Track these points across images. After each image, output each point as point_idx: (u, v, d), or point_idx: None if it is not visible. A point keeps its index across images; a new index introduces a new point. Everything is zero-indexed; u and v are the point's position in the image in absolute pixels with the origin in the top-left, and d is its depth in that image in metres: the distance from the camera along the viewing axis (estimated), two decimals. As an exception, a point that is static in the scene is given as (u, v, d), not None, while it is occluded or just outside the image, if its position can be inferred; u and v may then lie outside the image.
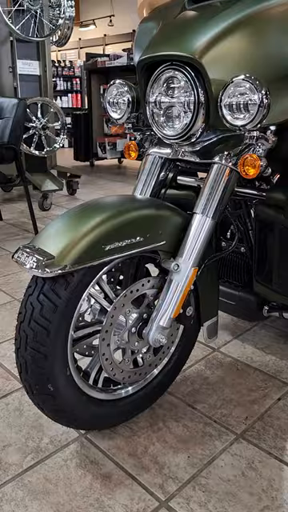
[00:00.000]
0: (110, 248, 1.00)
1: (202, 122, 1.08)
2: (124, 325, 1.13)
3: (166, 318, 1.11)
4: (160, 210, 1.12)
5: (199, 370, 1.51)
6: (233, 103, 0.99)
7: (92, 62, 5.72)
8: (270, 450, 1.17)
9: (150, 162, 1.27)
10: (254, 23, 1.03)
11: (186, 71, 1.05)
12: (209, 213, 1.11)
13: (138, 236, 1.05)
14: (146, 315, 1.15)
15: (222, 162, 1.11)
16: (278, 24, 1.03)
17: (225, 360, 1.56)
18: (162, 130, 1.14)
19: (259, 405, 1.34)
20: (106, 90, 1.29)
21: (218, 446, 1.18)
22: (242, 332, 1.75)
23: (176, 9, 1.20)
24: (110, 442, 1.19)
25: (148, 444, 1.19)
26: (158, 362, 1.23)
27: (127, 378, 1.16)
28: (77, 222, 1.02)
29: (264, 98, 0.95)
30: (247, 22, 1.02)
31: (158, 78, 1.11)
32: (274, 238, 1.26)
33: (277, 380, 1.45)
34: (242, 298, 1.45)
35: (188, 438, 1.21)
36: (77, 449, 1.17)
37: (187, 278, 1.11)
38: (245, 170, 1.07)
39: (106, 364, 1.09)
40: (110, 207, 1.05)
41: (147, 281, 1.13)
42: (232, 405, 1.34)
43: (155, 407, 1.32)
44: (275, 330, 1.76)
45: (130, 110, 1.24)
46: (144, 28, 1.28)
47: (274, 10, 1.03)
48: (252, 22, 1.03)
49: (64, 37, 3.70)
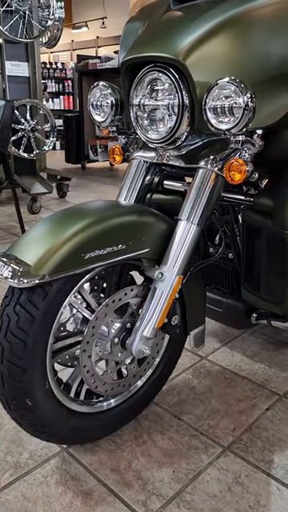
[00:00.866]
0: (91, 256, 0.96)
1: (187, 125, 1.04)
2: (106, 335, 1.09)
3: (149, 328, 1.08)
4: (144, 217, 1.08)
5: (186, 379, 1.47)
6: (217, 106, 0.95)
7: (83, 64, 5.68)
8: (258, 463, 1.13)
9: (135, 166, 1.24)
10: (239, 24, 0.99)
11: (170, 73, 1.01)
12: (194, 219, 1.08)
13: (120, 243, 1.01)
14: (130, 325, 1.11)
15: (208, 167, 1.08)
16: (263, 25, 1.00)
17: (213, 368, 1.53)
18: (146, 133, 1.11)
19: (247, 415, 1.30)
20: (89, 93, 1.26)
21: (204, 459, 1.15)
22: (231, 339, 1.72)
23: (161, 9, 1.17)
24: (92, 457, 1.15)
25: (132, 458, 1.15)
26: (143, 372, 1.19)
27: (110, 390, 1.12)
28: (56, 229, 0.98)
29: (249, 102, 0.92)
30: (232, 22, 0.99)
31: (141, 80, 1.07)
32: (261, 245, 1.23)
33: (265, 389, 1.42)
34: (229, 305, 1.42)
35: (173, 451, 1.17)
36: (58, 464, 1.13)
37: (171, 287, 1.07)
38: (230, 175, 1.03)
39: (88, 376, 1.05)
40: (92, 214, 1.01)
41: (130, 290, 1.10)
42: (219, 415, 1.30)
43: (140, 419, 1.28)
44: (264, 337, 1.73)
45: (113, 112, 1.20)
46: (130, 28, 1.25)
47: (260, 11, 1.00)
48: (237, 23, 0.99)
49: (54, 38, 3.66)
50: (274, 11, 1.01)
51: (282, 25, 1.00)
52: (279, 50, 1.00)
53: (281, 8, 1.01)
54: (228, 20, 0.99)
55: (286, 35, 1.00)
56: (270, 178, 1.27)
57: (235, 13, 1.00)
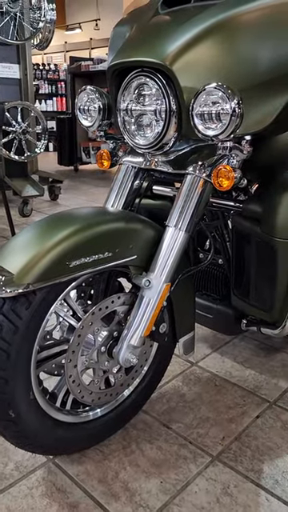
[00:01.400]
0: (76, 264, 0.94)
1: (175, 131, 1.03)
2: (93, 343, 1.07)
3: (136, 337, 1.06)
4: (131, 223, 1.06)
5: (176, 386, 1.45)
6: (204, 112, 0.94)
7: (76, 66, 5.67)
8: (247, 473, 1.12)
9: (123, 171, 1.22)
10: (226, 29, 0.98)
11: (157, 78, 1.00)
12: (182, 226, 1.06)
13: (107, 251, 0.99)
14: (117, 333, 1.09)
15: (196, 173, 1.06)
16: (251, 30, 0.98)
17: (203, 375, 1.51)
18: (134, 138, 1.09)
19: (237, 423, 1.29)
20: (76, 97, 1.24)
21: (192, 469, 1.13)
22: (222, 345, 1.70)
23: (149, 13, 1.15)
24: (79, 467, 1.13)
25: (119, 469, 1.13)
26: (131, 381, 1.18)
27: (97, 400, 1.10)
28: (41, 236, 0.96)
29: (236, 108, 0.91)
30: (220, 27, 0.98)
31: (128, 85, 1.06)
32: (250, 251, 1.21)
33: (256, 396, 1.41)
34: (219, 312, 1.40)
35: (162, 461, 1.15)
36: (43, 475, 1.11)
37: (159, 295, 1.06)
38: (219, 181, 1.02)
39: (73, 386, 1.03)
40: (78, 220, 1.00)
41: (117, 297, 1.08)
42: (209, 424, 1.29)
43: (129, 427, 1.26)
44: (255, 342, 1.72)
45: (101, 117, 1.18)
46: (118, 31, 1.23)
47: (248, 16, 0.99)
48: (225, 28, 0.98)
49: (45, 40, 3.63)
50: (262, 16, 1.00)
51: (269, 30, 0.99)
52: (267, 55, 0.99)
53: (268, 13, 1.00)
54: (216, 25, 0.98)
55: (273, 40, 0.99)
56: (259, 184, 1.26)
57: (223, 18, 0.99)
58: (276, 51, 0.99)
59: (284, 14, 1.01)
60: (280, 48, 1.00)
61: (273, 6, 1.01)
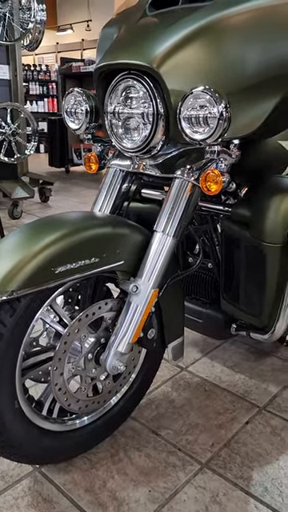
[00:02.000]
0: (62, 270, 0.92)
1: (162, 134, 1.01)
2: (80, 350, 1.05)
3: (124, 344, 1.04)
4: (118, 228, 1.05)
5: (165, 391, 1.44)
6: (192, 116, 0.93)
7: (67, 67, 5.64)
8: (236, 480, 1.11)
9: (111, 175, 1.20)
10: (214, 32, 0.97)
11: (145, 81, 0.98)
12: (170, 231, 1.05)
13: (94, 256, 0.98)
14: (104, 340, 1.08)
15: (184, 177, 1.05)
16: (239, 33, 0.97)
17: (192, 380, 1.50)
18: (121, 142, 1.07)
19: (226, 429, 1.27)
20: (63, 99, 1.22)
21: (181, 477, 1.11)
22: (212, 349, 1.69)
23: (137, 14, 1.13)
24: (65, 477, 1.11)
25: (107, 477, 1.11)
26: (119, 388, 1.16)
27: (84, 408, 1.08)
28: (26, 242, 0.94)
29: (224, 111, 0.89)
30: (207, 30, 0.97)
31: (115, 87, 1.04)
32: (239, 256, 1.20)
33: (245, 401, 1.40)
34: (209, 316, 1.39)
35: (150, 469, 1.14)
36: (30, 485, 1.09)
37: (147, 301, 1.04)
38: (207, 185, 1.01)
39: (60, 394, 1.01)
40: (64, 225, 0.98)
41: (105, 303, 1.06)
42: (198, 430, 1.27)
43: (117, 435, 1.25)
44: (246, 346, 1.71)
45: (88, 120, 1.16)
46: (106, 33, 1.22)
47: (236, 19, 0.98)
48: (212, 31, 0.97)
49: (35, 41, 3.60)
50: (250, 19, 0.99)
51: (257, 33, 0.98)
52: (255, 58, 0.98)
53: (256, 16, 0.99)
54: (203, 27, 0.97)
55: (261, 43, 0.98)
56: (249, 188, 1.25)
57: (210, 20, 0.97)
58: (264, 54, 0.98)
59: (272, 16, 1.00)
60: (268, 51, 0.99)
61: (261, 9, 1.00)
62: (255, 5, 1.00)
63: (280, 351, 1.67)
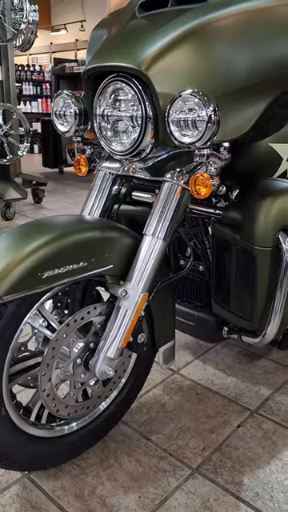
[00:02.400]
0: (49, 275, 0.91)
1: (151, 137, 1.00)
2: (68, 355, 1.04)
3: (113, 349, 1.03)
4: (107, 232, 1.04)
5: (157, 395, 1.43)
6: (180, 119, 0.92)
7: (60, 68, 5.62)
8: (227, 485, 1.10)
9: (100, 178, 1.19)
10: (203, 34, 0.96)
11: (133, 83, 0.97)
12: (160, 234, 1.04)
13: (82, 261, 0.97)
14: (93, 344, 1.06)
15: (173, 180, 1.04)
16: (228, 36, 0.97)
17: (184, 383, 1.49)
18: (110, 144, 1.06)
19: (217, 433, 1.27)
20: (52, 101, 1.21)
21: (171, 482, 1.10)
22: (204, 351, 1.68)
23: (126, 16, 1.13)
24: (55, 483, 1.10)
25: (97, 483, 1.10)
26: (109, 393, 1.15)
27: (73, 413, 1.07)
28: (13, 246, 0.93)
29: (212, 115, 0.89)
30: (196, 33, 0.96)
31: (104, 90, 1.03)
32: (230, 259, 1.20)
33: (237, 405, 1.39)
34: (201, 319, 1.39)
35: (140, 474, 1.13)
36: (18, 491, 1.07)
37: (136, 305, 1.03)
38: (196, 189, 1.00)
39: (48, 400, 1.00)
40: (52, 230, 0.97)
41: (93, 308, 1.05)
42: (189, 434, 1.26)
43: (107, 440, 1.23)
44: (238, 349, 1.70)
45: (77, 122, 1.15)
46: (96, 34, 1.21)
47: (225, 21, 0.97)
48: (201, 34, 0.96)
49: (28, 41, 3.58)
50: (239, 22, 0.98)
51: (247, 36, 0.97)
52: (245, 61, 0.97)
53: (247, 19, 0.98)
54: (192, 30, 0.96)
55: (250, 47, 0.97)
56: (240, 190, 1.24)
57: (199, 23, 0.97)
58: (254, 57, 0.97)
59: (262, 19, 1.00)
60: (258, 54, 0.98)
61: (251, 12, 0.99)
62: (245, 7, 0.99)
63: (272, 354, 1.67)
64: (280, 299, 1.13)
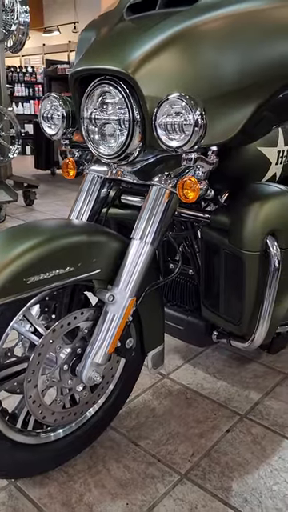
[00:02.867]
0: (35, 280, 0.90)
1: (139, 140, 0.99)
2: (55, 361, 1.02)
3: (100, 354, 1.02)
4: (94, 236, 1.03)
5: (146, 399, 1.42)
6: (168, 123, 0.91)
7: (52, 69, 5.61)
8: (215, 491, 1.09)
9: (89, 181, 1.18)
10: (190, 38, 0.96)
11: (120, 86, 0.96)
12: (147, 238, 1.03)
13: (68, 266, 0.95)
14: (81, 350, 1.05)
15: (161, 184, 1.03)
16: (215, 39, 0.96)
17: (174, 388, 1.48)
18: (98, 148, 1.06)
19: (206, 438, 1.26)
20: (40, 104, 1.20)
21: (160, 489, 1.09)
22: (194, 355, 1.68)
23: (114, 18, 1.12)
24: (41, 490, 1.08)
25: (84, 490, 1.08)
26: (97, 398, 1.13)
27: (60, 420, 1.06)
28: (-3, 250, 0.91)
29: (199, 119, 0.88)
30: (184, 36, 0.95)
31: (91, 93, 1.02)
32: (219, 263, 1.19)
33: (227, 409, 1.38)
34: (190, 323, 1.38)
35: (128, 481, 1.11)
36: (4, 500, 1.06)
37: (124, 310, 1.02)
38: (184, 193, 0.99)
39: (34, 407, 0.99)
40: (38, 234, 0.95)
41: (80, 313, 1.04)
42: (178, 440, 1.25)
43: (96, 446, 1.22)
44: (228, 353, 1.70)
45: (64, 125, 1.14)
46: (85, 36, 1.20)
47: (212, 25, 0.96)
48: (188, 37, 0.96)
49: (19, 43, 3.56)
50: (228, 25, 0.98)
51: (235, 40, 0.97)
52: (232, 65, 0.97)
53: (234, 22, 0.98)
54: (180, 33, 0.95)
55: (238, 50, 0.96)
56: (229, 194, 1.24)
57: (187, 26, 0.96)
58: (241, 61, 0.97)
59: (250, 23, 0.99)
60: (245, 58, 0.98)
61: (238, 15, 0.99)
62: (233, 11, 0.99)
63: (262, 357, 1.66)
64: (268, 304, 1.12)
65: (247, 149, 1.21)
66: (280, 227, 1.11)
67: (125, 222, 1.38)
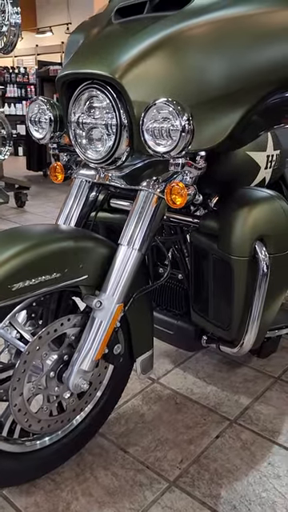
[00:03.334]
0: (20, 287, 0.89)
1: (127, 145, 0.98)
2: (41, 368, 1.01)
3: (87, 361, 1.01)
4: (82, 241, 1.02)
5: (135, 405, 1.41)
6: (155, 128, 0.90)
7: (44, 70, 5.58)
8: (204, 498, 1.08)
9: (76, 185, 1.17)
10: (178, 42, 0.95)
11: (108, 91, 0.96)
12: (135, 244, 1.02)
13: (55, 272, 0.94)
14: (67, 357, 1.04)
15: (149, 189, 1.03)
16: (204, 44, 0.95)
17: (163, 393, 1.47)
18: (85, 152, 1.04)
19: (196, 445, 1.25)
20: (27, 108, 1.18)
21: (148, 496, 1.08)
22: (184, 360, 1.67)
23: (102, 22, 1.11)
24: (28, 499, 1.07)
25: (71, 499, 1.07)
26: (84, 405, 1.12)
27: (47, 428, 1.04)
28: (-18, 257, 0.90)
29: (186, 124, 0.87)
30: (171, 40, 0.95)
31: (79, 97, 1.01)
32: (208, 268, 1.18)
33: (216, 414, 1.38)
34: (180, 328, 1.37)
35: (116, 489, 1.10)
36: (-11, 509, 1.04)
37: (111, 316, 1.01)
38: (172, 198, 0.99)
39: (19, 415, 0.97)
40: (24, 239, 0.94)
41: (67, 319, 1.02)
42: (167, 446, 1.25)
43: (84, 453, 1.21)
44: (219, 357, 1.69)
45: (52, 129, 1.13)
46: (73, 39, 1.19)
47: (200, 30, 0.96)
48: (176, 41, 0.95)
49: (10, 44, 3.53)
50: (216, 30, 0.97)
51: (223, 45, 0.96)
52: (220, 70, 0.96)
53: (222, 27, 0.97)
54: (167, 38, 0.95)
55: (226, 56, 0.96)
56: (219, 198, 1.23)
57: (175, 30, 0.95)
58: (229, 67, 0.96)
59: (238, 28, 0.99)
60: (233, 63, 0.97)
61: (227, 20, 0.98)
62: (220, 16, 0.98)
63: (252, 361, 1.66)
64: (257, 309, 1.12)
65: (236, 154, 1.21)
66: (268, 232, 1.11)
67: (114, 226, 1.37)
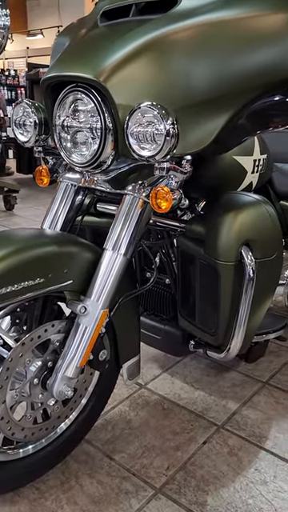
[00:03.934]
0: (2, 293, 0.87)
1: (112, 149, 0.97)
2: (24, 375, 0.99)
3: (72, 368, 0.99)
4: (66, 246, 1.00)
5: (122, 411, 1.39)
6: (139, 132, 0.89)
7: (34, 73, 5.56)
8: (190, 505, 1.07)
9: (62, 189, 1.16)
10: (163, 46, 0.94)
11: (92, 94, 0.95)
12: (120, 249, 1.01)
13: (38, 277, 0.93)
14: (52, 363, 1.02)
15: (135, 194, 1.02)
16: (189, 48, 0.95)
17: (151, 398, 1.46)
18: (70, 156, 1.03)
19: (182, 451, 1.24)
20: (12, 110, 1.17)
21: (133, 504, 1.07)
22: (172, 364, 1.66)
23: (88, 25, 1.10)
24: (11, 508, 1.05)
25: (56, 508, 1.05)
26: (69, 412, 1.11)
27: (31, 436, 1.02)
28: None
29: (171, 128, 0.86)
30: (156, 44, 0.94)
31: (63, 100, 1.00)
32: (195, 273, 1.18)
33: (204, 420, 1.37)
34: (167, 333, 1.36)
35: (101, 497, 1.09)
36: (-29, 519, 1.02)
37: (96, 322, 1.00)
38: (157, 203, 0.98)
39: (2, 423, 0.95)
40: (7, 244, 0.92)
41: (51, 325, 1.01)
42: (154, 453, 1.23)
43: (69, 460, 1.19)
44: (206, 362, 1.68)
45: (37, 132, 1.12)
46: (59, 42, 1.18)
47: (185, 33, 0.95)
48: (161, 45, 0.94)
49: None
50: (201, 34, 0.96)
51: (208, 49, 0.96)
52: (206, 74, 0.95)
53: (208, 31, 0.96)
54: (152, 41, 0.94)
55: (211, 60, 0.95)
56: (206, 203, 1.23)
57: (160, 34, 0.94)
58: (214, 71, 0.95)
59: (223, 32, 0.98)
60: (219, 67, 0.96)
61: (212, 24, 0.97)
62: (206, 19, 0.97)
63: (240, 366, 1.66)
64: (243, 314, 1.11)
65: (223, 158, 1.20)
66: (255, 237, 1.10)
67: (100, 230, 1.36)
